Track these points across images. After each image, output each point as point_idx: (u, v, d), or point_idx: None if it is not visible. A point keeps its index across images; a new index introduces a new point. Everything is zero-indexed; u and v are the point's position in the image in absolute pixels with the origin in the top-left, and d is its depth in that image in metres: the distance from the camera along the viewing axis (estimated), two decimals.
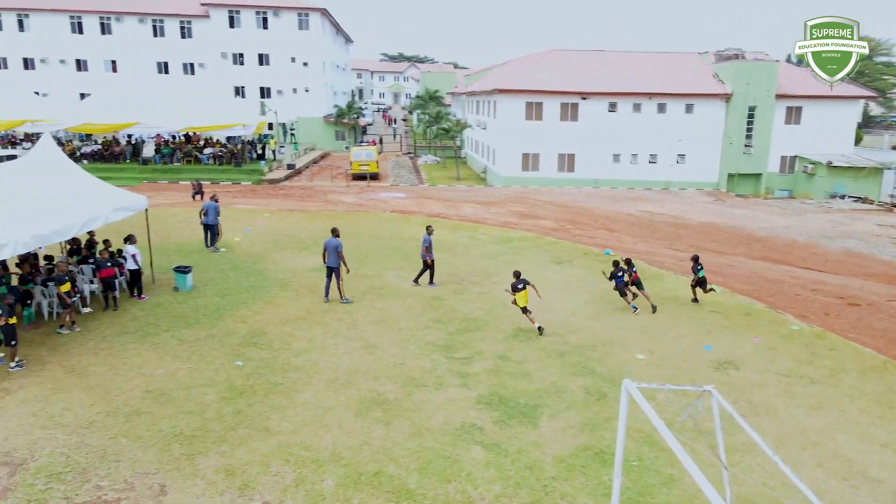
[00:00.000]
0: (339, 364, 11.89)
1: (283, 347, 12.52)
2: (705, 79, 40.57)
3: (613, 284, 15.65)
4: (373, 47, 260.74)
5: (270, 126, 50.49)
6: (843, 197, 37.81)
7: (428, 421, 9.91)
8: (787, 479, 5.82)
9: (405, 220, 26.43)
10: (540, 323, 14.00)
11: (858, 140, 55.71)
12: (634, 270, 15.82)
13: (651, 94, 39.06)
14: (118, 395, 10.26)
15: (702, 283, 16.27)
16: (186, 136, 40.02)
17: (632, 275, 15.70)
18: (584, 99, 38.93)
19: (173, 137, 39.87)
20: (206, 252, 19.72)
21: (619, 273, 15.53)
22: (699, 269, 16.16)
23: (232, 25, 55.36)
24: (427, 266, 16.91)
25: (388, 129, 75.69)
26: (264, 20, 55.39)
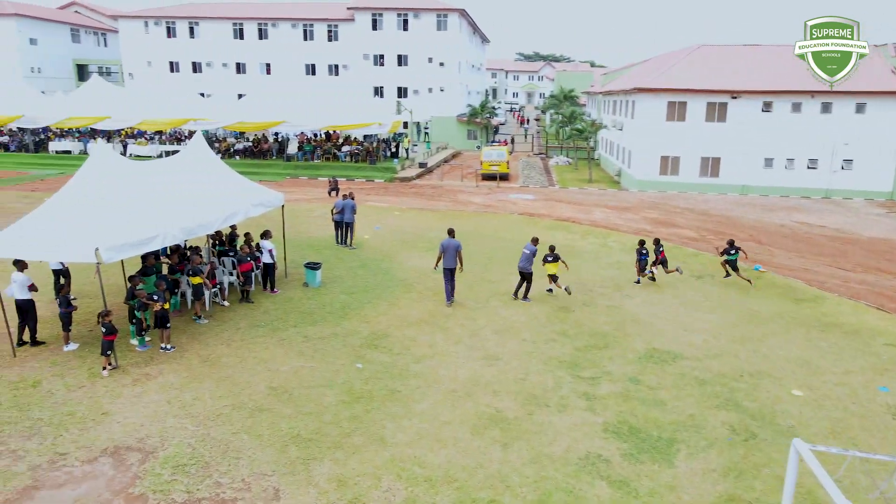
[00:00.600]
0: (458, 374, 11.49)
1: (403, 352, 12.34)
2: (882, 74, 35.70)
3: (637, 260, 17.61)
4: (509, 47, 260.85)
5: (405, 125, 51.75)
6: None
7: (549, 447, 9.19)
8: None
9: (533, 223, 25.63)
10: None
11: None
12: (662, 249, 17.67)
13: (814, 93, 35.01)
14: (245, 388, 10.55)
15: (733, 266, 17.55)
16: (327, 134, 41.91)
17: (659, 253, 17.52)
18: (734, 98, 35.79)
19: (315, 135, 41.91)
20: (336, 248, 20.25)
21: (644, 252, 17.49)
22: (734, 252, 17.44)
23: (374, 28, 57.38)
24: (524, 278, 15.62)
25: (520, 129, 74.91)
26: (405, 22, 56.84)
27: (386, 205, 28.56)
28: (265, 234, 15.62)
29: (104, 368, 10.89)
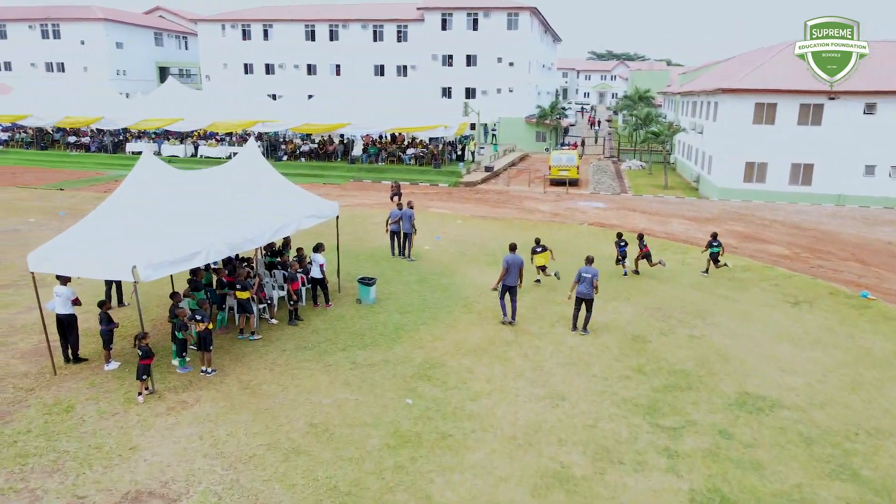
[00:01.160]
0: (518, 416, 10.21)
1: (458, 385, 11.17)
2: None
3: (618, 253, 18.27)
4: (581, 46, 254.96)
5: (473, 126, 50.64)
6: None
7: None
8: None
9: (604, 234, 23.90)
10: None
11: None
12: (645, 244, 18.27)
13: None
14: (283, 423, 9.65)
15: (714, 259, 18.32)
16: (392, 136, 41.30)
17: (642, 248, 18.17)
18: (831, 99, 32.62)
19: (380, 137, 41.39)
20: (393, 260, 19.30)
21: (623, 243, 18.21)
22: (716, 245, 18.18)
23: (444, 28, 56.57)
24: (583, 305, 13.79)
25: (591, 131, 72.30)
26: (474, 21, 55.73)
27: (449, 211, 27.49)
28: (318, 248, 14.82)
29: (140, 394, 10.26)
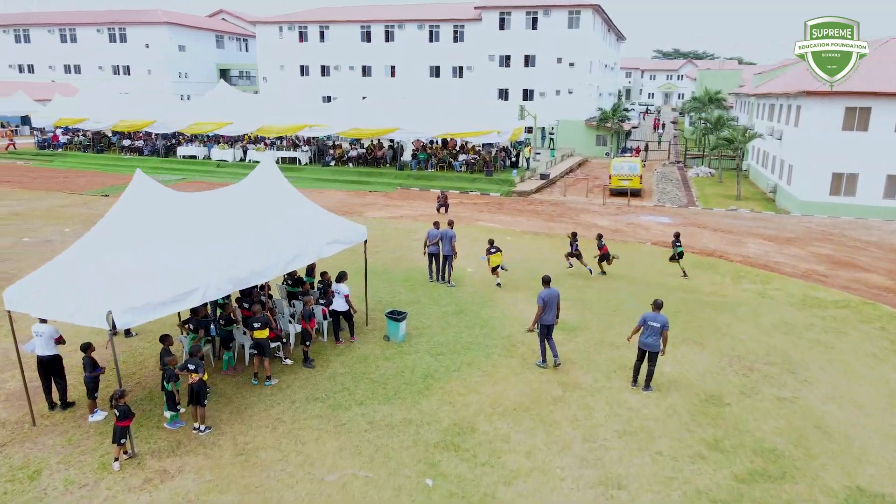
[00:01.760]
0: None
1: (490, 460, 9.23)
2: None
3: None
4: (646, 44, 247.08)
5: (530, 129, 48.37)
6: None
7: None
8: None
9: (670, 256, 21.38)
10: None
11: None
12: (604, 244, 18.50)
13: None
14: None
15: (675, 258, 18.67)
16: (443, 141, 39.58)
17: (601, 249, 18.36)
18: None
19: (431, 142, 39.74)
20: (431, 285, 17.46)
21: (576, 243, 18.50)
22: (679, 245, 18.53)
23: (502, 27, 54.56)
24: (645, 357, 11.52)
25: (654, 134, 68.51)
26: (534, 20, 53.45)
27: (498, 226, 25.45)
28: (340, 277, 13.15)
29: (116, 459, 8.79)
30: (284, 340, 12.33)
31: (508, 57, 55.20)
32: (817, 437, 10.12)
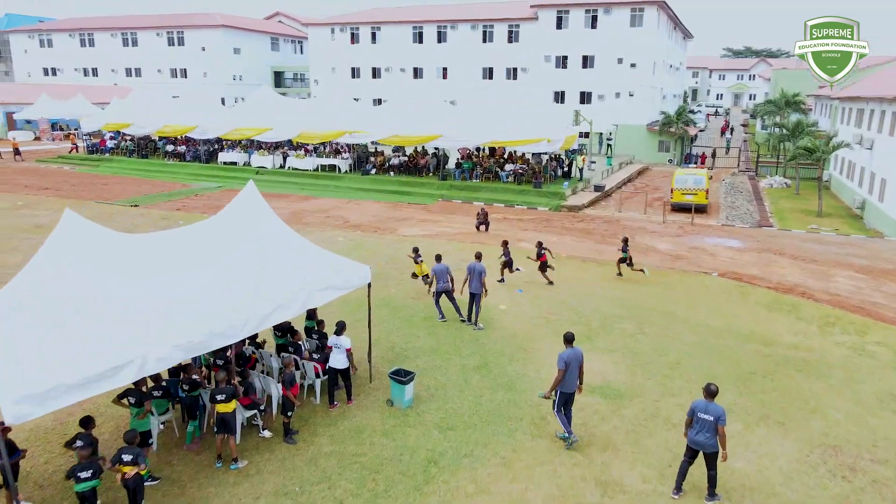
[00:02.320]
0: None
1: None
2: None
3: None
4: (715, 42, 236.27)
5: (586, 135, 45.34)
6: None
7: None
8: None
9: (742, 293, 18.30)
10: None
11: None
12: (544, 252, 17.79)
13: None
14: None
15: (629, 262, 18.63)
16: (491, 149, 37.13)
17: (540, 257, 17.77)
18: None
19: (477, 150, 37.36)
20: (455, 328, 15.07)
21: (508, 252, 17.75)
22: (625, 251, 18.52)
23: (559, 27, 51.74)
24: (699, 453, 8.79)
25: (722, 139, 63.73)
26: (593, 19, 50.35)
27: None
28: (339, 329, 11.02)
29: None
30: (262, 408, 10.25)
31: (565, 58, 52.30)
32: None
